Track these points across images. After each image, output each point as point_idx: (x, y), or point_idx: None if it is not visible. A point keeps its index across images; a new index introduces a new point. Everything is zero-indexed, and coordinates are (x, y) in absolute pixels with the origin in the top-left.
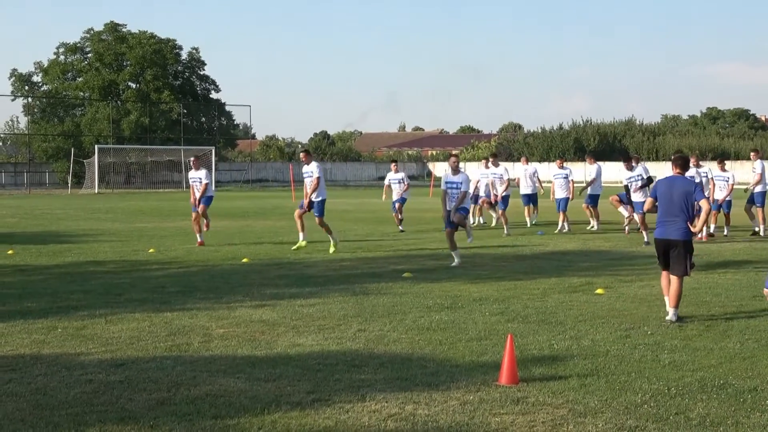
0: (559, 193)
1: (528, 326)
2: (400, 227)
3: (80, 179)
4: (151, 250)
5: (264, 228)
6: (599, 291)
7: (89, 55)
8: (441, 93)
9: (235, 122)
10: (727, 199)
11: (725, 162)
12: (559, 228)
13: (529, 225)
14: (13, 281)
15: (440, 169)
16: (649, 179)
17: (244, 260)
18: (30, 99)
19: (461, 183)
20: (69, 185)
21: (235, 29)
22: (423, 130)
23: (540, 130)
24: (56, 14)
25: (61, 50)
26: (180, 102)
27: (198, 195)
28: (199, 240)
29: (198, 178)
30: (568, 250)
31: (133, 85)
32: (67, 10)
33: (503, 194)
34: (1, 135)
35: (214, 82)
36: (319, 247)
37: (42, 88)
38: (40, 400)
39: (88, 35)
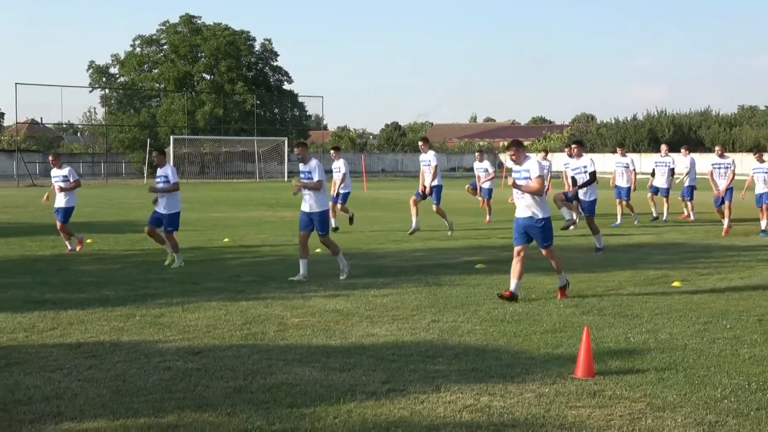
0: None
1: (603, 319)
2: (333, 222)
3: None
4: (225, 240)
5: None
6: (676, 284)
7: (165, 47)
8: (513, 83)
9: (308, 113)
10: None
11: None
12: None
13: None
14: (92, 269)
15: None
16: (593, 175)
17: (318, 250)
18: (107, 90)
19: (310, 172)
20: (145, 175)
21: (307, 20)
22: (494, 120)
23: (613, 121)
24: (133, 7)
25: (138, 42)
26: (253, 93)
27: (59, 195)
28: (68, 247)
29: (61, 176)
30: (643, 242)
31: (208, 77)
32: (143, 3)
33: (433, 184)
34: (79, 126)
35: (286, 73)
36: (391, 237)
37: (119, 80)
38: (119, 387)
39: (164, 27)
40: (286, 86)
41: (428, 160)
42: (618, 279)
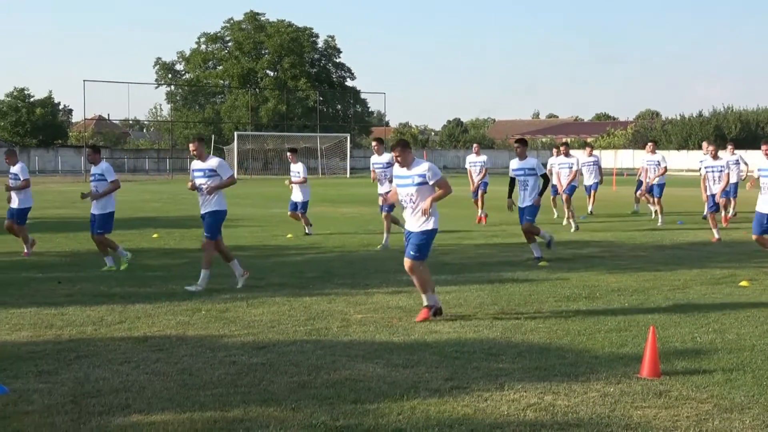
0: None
1: (669, 318)
2: (307, 230)
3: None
4: (289, 236)
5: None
6: (744, 283)
7: (229, 44)
8: (577, 79)
9: (370, 109)
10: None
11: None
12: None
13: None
14: (158, 264)
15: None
16: (546, 179)
17: (378, 247)
18: (172, 87)
19: (210, 169)
20: None
21: (370, 16)
22: (557, 117)
23: (679, 117)
24: (199, 5)
25: (203, 40)
26: (316, 89)
27: (13, 195)
28: (25, 250)
29: (12, 174)
30: (710, 240)
31: (271, 73)
32: (209, 1)
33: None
34: (145, 122)
35: (349, 70)
36: (454, 235)
37: (184, 77)
38: (186, 380)
39: (228, 25)
40: (349, 83)
41: (383, 163)
42: (684, 278)
